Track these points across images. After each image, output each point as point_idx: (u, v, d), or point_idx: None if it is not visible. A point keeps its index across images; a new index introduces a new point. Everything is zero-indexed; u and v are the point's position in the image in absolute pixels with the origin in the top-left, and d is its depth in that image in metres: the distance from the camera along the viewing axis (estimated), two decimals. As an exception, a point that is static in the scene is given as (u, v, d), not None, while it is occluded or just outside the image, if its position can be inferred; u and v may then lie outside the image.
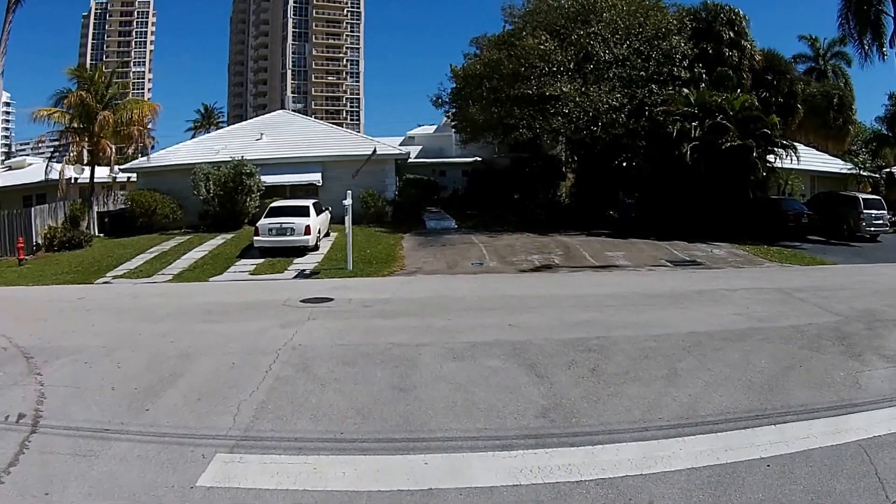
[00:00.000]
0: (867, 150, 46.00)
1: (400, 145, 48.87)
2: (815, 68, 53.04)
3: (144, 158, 33.61)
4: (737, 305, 13.80)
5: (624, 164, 32.41)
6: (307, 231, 21.86)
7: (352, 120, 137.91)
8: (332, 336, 11.34)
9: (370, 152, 29.06)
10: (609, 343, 10.66)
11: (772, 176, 29.27)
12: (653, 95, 28.83)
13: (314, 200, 24.84)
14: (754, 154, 27.25)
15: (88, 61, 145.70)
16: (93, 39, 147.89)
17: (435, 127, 53.83)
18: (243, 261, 22.00)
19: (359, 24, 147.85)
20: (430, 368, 9.37)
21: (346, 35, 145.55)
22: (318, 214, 23.57)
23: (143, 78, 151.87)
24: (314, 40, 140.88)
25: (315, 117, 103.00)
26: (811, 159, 37.76)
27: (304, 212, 22.80)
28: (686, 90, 29.58)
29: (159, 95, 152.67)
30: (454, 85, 35.82)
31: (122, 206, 33.14)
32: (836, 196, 31.26)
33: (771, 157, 28.68)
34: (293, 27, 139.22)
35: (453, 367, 9.39)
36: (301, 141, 33.50)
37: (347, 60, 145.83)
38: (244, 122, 38.26)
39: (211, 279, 19.40)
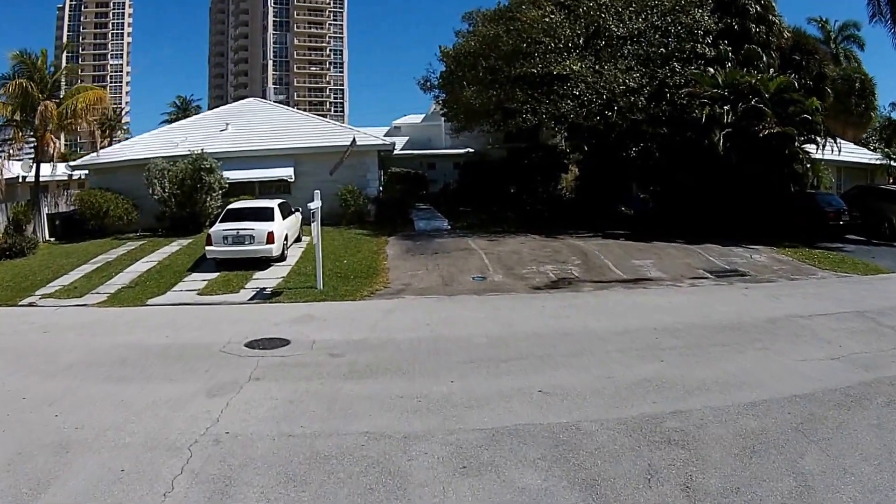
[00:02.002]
0: (880, 138, 43.08)
1: (384, 136, 44.99)
2: (825, 52, 49.70)
3: (94, 154, 29.79)
4: (825, 342, 10.56)
5: (633, 153, 28.70)
6: (270, 239, 18.04)
7: (336, 111, 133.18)
8: (276, 416, 7.62)
9: (349, 143, 25.24)
10: (692, 425, 7.11)
11: (812, 168, 25.61)
12: (675, 75, 25.02)
13: (280, 200, 20.98)
14: (795, 143, 23.69)
15: (64, 54, 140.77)
16: (68, 32, 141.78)
17: (423, 116, 49.67)
18: (194, 275, 18.21)
19: (342, 12, 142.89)
20: (426, 495, 5.68)
21: (329, 24, 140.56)
22: (284, 217, 19.75)
23: (122, 71, 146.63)
24: (296, 29, 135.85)
25: (297, 108, 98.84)
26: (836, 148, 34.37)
27: (267, 215, 19.01)
28: (711, 70, 25.89)
29: (138, 89, 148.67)
30: (444, 68, 32.01)
31: (73, 208, 29.44)
32: (876, 190, 27.73)
33: (811, 147, 25.07)
34: (274, 16, 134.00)
35: (465, 492, 5.74)
36: (271, 131, 29.46)
37: (331, 50, 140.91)
38: (209, 112, 34.26)
39: (149, 301, 15.62)
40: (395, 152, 41.55)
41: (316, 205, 15.75)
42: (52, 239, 27.71)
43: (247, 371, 9.30)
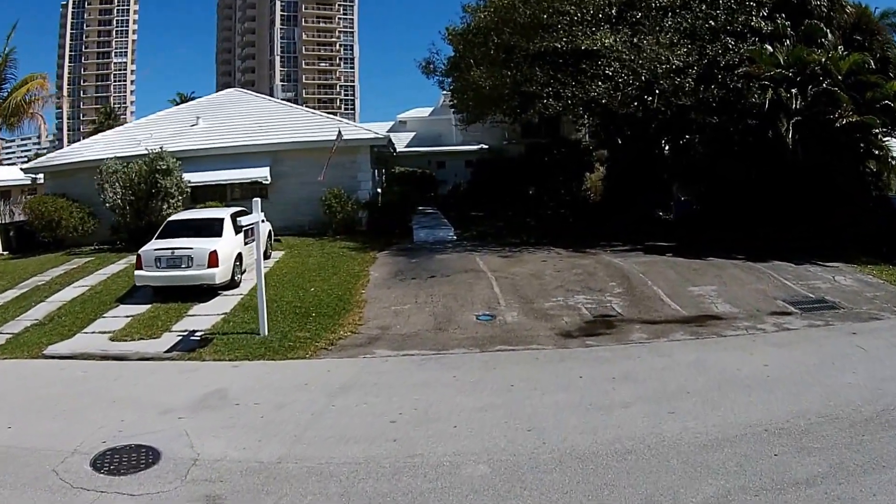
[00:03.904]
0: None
1: (389, 131, 40.65)
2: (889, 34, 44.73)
3: (45, 156, 26.06)
4: None
5: (675, 146, 24.17)
6: (212, 261, 13.74)
7: (346, 108, 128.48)
8: None
9: (334, 137, 21.01)
10: None
11: (893, 166, 21.05)
12: (727, 52, 20.40)
13: (237, 209, 16.62)
14: (878, 135, 19.26)
15: (67, 52, 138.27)
16: (71, 30, 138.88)
17: (431, 109, 45.06)
18: (122, 307, 14.12)
19: (352, 6, 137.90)
20: None
21: (339, 18, 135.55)
22: (237, 233, 15.45)
23: (126, 70, 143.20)
24: (304, 24, 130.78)
25: (306, 106, 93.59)
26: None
27: (213, 229, 14.74)
28: (769, 47, 21.36)
29: (144, 88, 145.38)
30: (452, 53, 27.55)
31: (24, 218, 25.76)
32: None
33: (891, 141, 20.63)
34: (281, 10, 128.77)
35: None
36: (248, 125, 24.98)
37: (341, 45, 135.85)
38: (182, 105, 30.13)
39: (49, 349, 11.61)
40: (401, 149, 37.38)
41: (252, 219, 11.45)
42: (5, 253, 24.11)
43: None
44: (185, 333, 11.85)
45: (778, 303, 13.08)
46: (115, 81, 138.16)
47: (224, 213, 15.71)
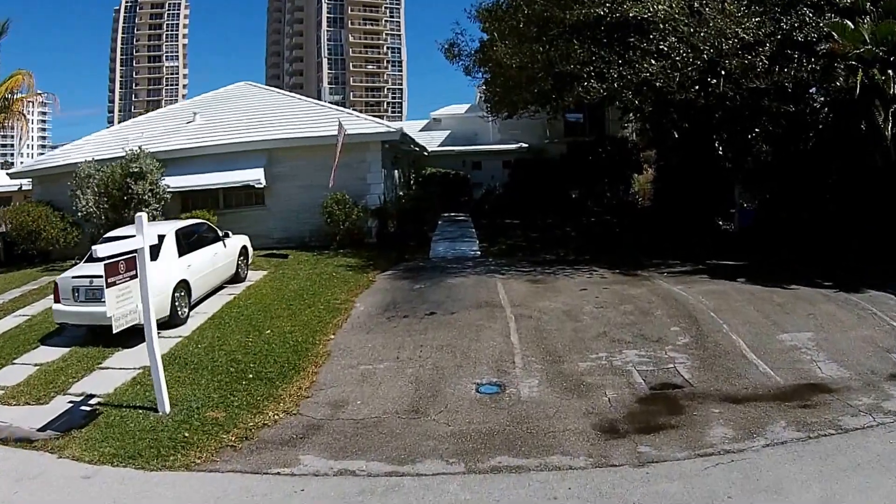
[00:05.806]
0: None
1: (422, 130, 37.52)
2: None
3: (31, 160, 23.74)
4: None
5: (718, 144, 20.20)
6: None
7: (393, 112, 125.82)
8: None
9: (336, 130, 17.73)
10: None
11: None
12: (805, 26, 16.39)
13: (189, 223, 13.53)
14: None
15: (118, 56, 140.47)
16: (123, 34, 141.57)
17: (467, 107, 41.40)
18: (42, 348, 11.28)
19: (399, 8, 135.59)
20: None
21: (385, 21, 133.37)
22: (188, 251, 12.21)
23: (177, 73, 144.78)
24: (350, 26, 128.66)
25: (354, 109, 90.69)
26: None
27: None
28: (849, 22, 17.39)
29: (196, 90, 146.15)
30: (480, 35, 23.89)
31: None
32: None
33: None
34: (328, 13, 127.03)
35: None
36: (243, 120, 22.10)
37: (388, 48, 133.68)
38: (186, 101, 27.44)
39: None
40: (434, 149, 34.31)
41: (131, 245, 8.07)
42: (-9, 265, 21.71)
43: None
44: (79, 399, 8.73)
45: (890, 355, 9.24)
46: (166, 85, 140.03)
47: (167, 228, 12.42)
